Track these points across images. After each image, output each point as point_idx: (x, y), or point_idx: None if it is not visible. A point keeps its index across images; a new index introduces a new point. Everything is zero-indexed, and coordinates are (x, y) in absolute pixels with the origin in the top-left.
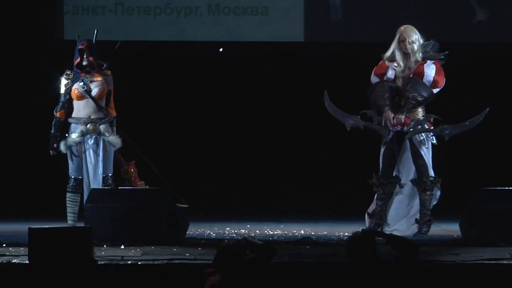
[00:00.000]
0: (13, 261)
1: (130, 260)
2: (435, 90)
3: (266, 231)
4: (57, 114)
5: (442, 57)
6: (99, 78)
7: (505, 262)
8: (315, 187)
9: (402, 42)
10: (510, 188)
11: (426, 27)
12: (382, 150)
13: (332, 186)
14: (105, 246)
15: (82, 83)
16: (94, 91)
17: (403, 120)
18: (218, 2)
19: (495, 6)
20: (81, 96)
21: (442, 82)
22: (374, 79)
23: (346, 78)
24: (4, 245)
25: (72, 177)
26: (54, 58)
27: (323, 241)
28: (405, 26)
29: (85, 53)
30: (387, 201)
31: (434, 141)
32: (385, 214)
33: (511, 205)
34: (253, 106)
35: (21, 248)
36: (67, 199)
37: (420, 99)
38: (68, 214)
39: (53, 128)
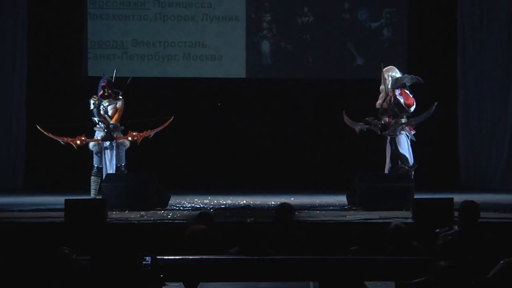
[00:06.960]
0: (53, 222)
1: (132, 220)
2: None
3: (221, 201)
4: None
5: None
6: (113, 103)
7: (374, 221)
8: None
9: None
10: (379, 172)
11: (320, 68)
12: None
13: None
14: (115, 211)
15: (102, 106)
16: (110, 112)
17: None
18: (189, 52)
19: (370, 54)
20: (101, 115)
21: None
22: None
23: (275, 104)
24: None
25: (95, 166)
26: (81, 90)
27: (259, 208)
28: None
29: (106, 88)
30: None
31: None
32: None
33: (379, 183)
34: (218, 117)
35: (59, 213)
36: (91, 180)
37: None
38: (91, 190)
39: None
